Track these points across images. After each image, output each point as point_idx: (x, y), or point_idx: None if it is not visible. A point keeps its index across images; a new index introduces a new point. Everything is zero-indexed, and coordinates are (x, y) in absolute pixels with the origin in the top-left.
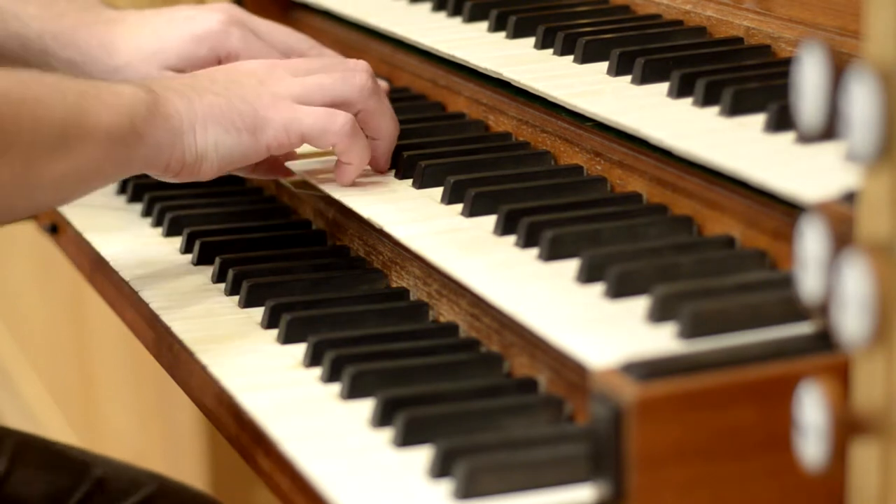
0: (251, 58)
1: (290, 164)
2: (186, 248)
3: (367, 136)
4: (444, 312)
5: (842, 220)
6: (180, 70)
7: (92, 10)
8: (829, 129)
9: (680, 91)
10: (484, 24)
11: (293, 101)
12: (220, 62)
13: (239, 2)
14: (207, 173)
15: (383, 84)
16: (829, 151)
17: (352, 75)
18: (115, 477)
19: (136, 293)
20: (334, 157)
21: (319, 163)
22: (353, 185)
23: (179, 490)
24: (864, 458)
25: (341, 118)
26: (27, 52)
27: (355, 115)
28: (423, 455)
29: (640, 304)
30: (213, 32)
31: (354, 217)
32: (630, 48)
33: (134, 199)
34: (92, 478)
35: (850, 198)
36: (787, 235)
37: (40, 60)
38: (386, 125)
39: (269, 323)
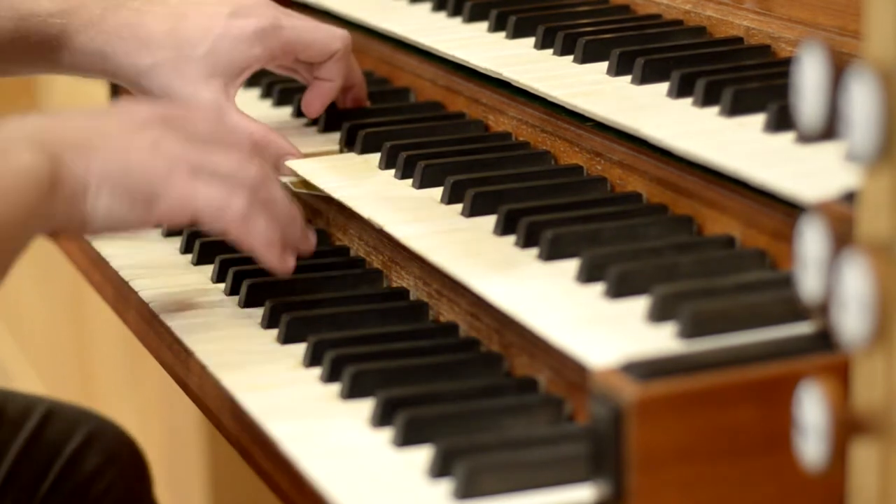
0: (304, 45)
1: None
2: (186, 248)
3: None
4: (444, 312)
5: (842, 220)
6: (228, 75)
7: None
8: (829, 129)
9: (680, 91)
10: (484, 24)
11: (189, 171)
12: (274, 59)
13: None
14: (88, 234)
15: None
16: (829, 151)
17: (248, 166)
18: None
19: (135, 293)
20: (336, 157)
21: (319, 162)
22: (355, 186)
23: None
24: (864, 458)
25: (237, 203)
26: (50, 49)
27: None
28: (423, 455)
29: (640, 304)
30: (266, 28)
31: (354, 216)
32: (630, 48)
33: None
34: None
35: (850, 198)
36: (787, 235)
37: (64, 57)
38: (281, 211)
39: (269, 323)
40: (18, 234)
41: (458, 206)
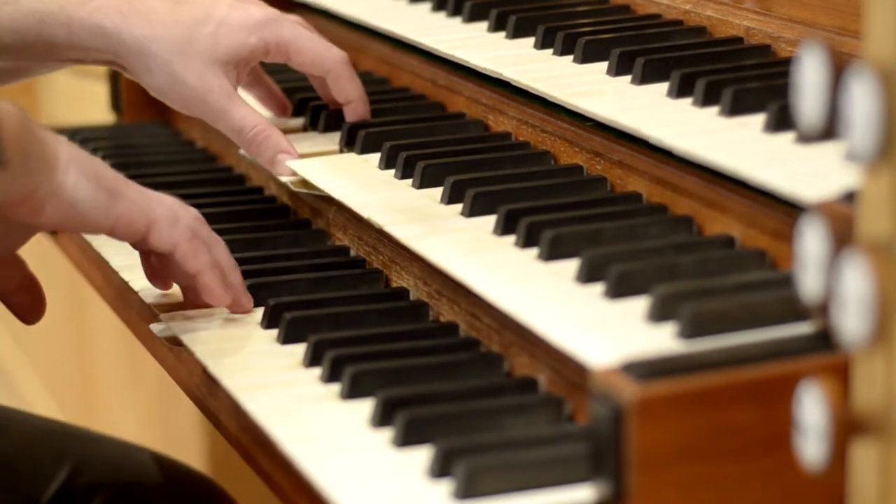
0: (298, 48)
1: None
2: None
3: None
4: (444, 312)
5: (842, 220)
6: (228, 62)
7: None
8: (829, 129)
9: (680, 91)
10: (484, 24)
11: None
12: (268, 53)
13: None
14: (47, 217)
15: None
16: (829, 151)
17: (184, 209)
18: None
19: (136, 293)
20: (336, 157)
21: (319, 162)
22: (352, 184)
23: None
24: (864, 458)
25: (188, 217)
26: (48, 28)
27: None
28: (423, 455)
29: (640, 304)
30: (266, 21)
31: (354, 216)
32: (630, 48)
33: None
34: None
35: (850, 198)
36: (787, 235)
37: (62, 35)
38: (223, 255)
39: (269, 323)
40: None
41: (458, 206)
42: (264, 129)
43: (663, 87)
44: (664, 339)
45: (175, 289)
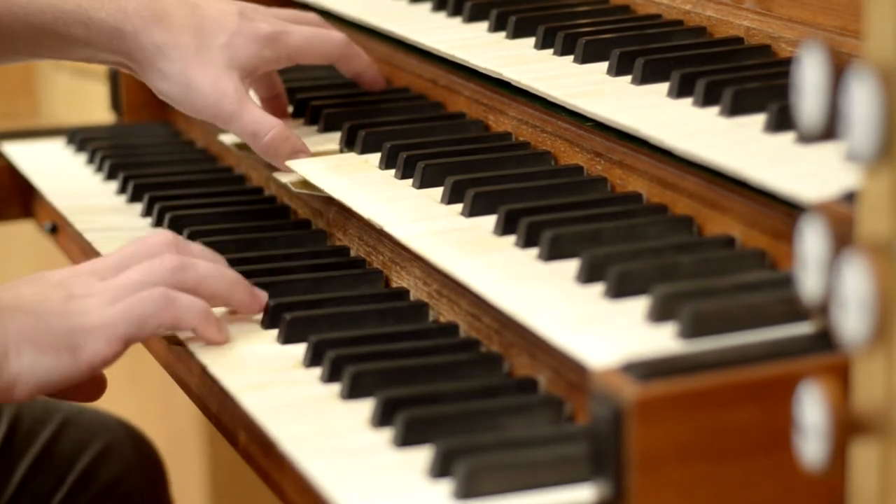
0: (308, 51)
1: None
2: None
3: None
4: (444, 312)
5: (842, 220)
6: (242, 70)
7: None
8: (829, 129)
9: (680, 91)
10: (484, 24)
11: (101, 303)
12: (279, 63)
13: None
14: (21, 397)
15: None
16: (829, 151)
17: (158, 262)
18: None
19: None
20: (336, 157)
21: (319, 162)
22: (353, 185)
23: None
24: (864, 458)
25: (152, 299)
26: (64, 25)
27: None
28: (423, 455)
29: (640, 304)
30: (276, 34)
31: (354, 216)
32: (630, 48)
33: (134, 198)
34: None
35: (850, 198)
36: (787, 235)
37: (80, 34)
38: (215, 285)
39: (270, 323)
40: None
41: (458, 206)
42: (280, 131)
43: (663, 87)
44: (664, 339)
45: None
